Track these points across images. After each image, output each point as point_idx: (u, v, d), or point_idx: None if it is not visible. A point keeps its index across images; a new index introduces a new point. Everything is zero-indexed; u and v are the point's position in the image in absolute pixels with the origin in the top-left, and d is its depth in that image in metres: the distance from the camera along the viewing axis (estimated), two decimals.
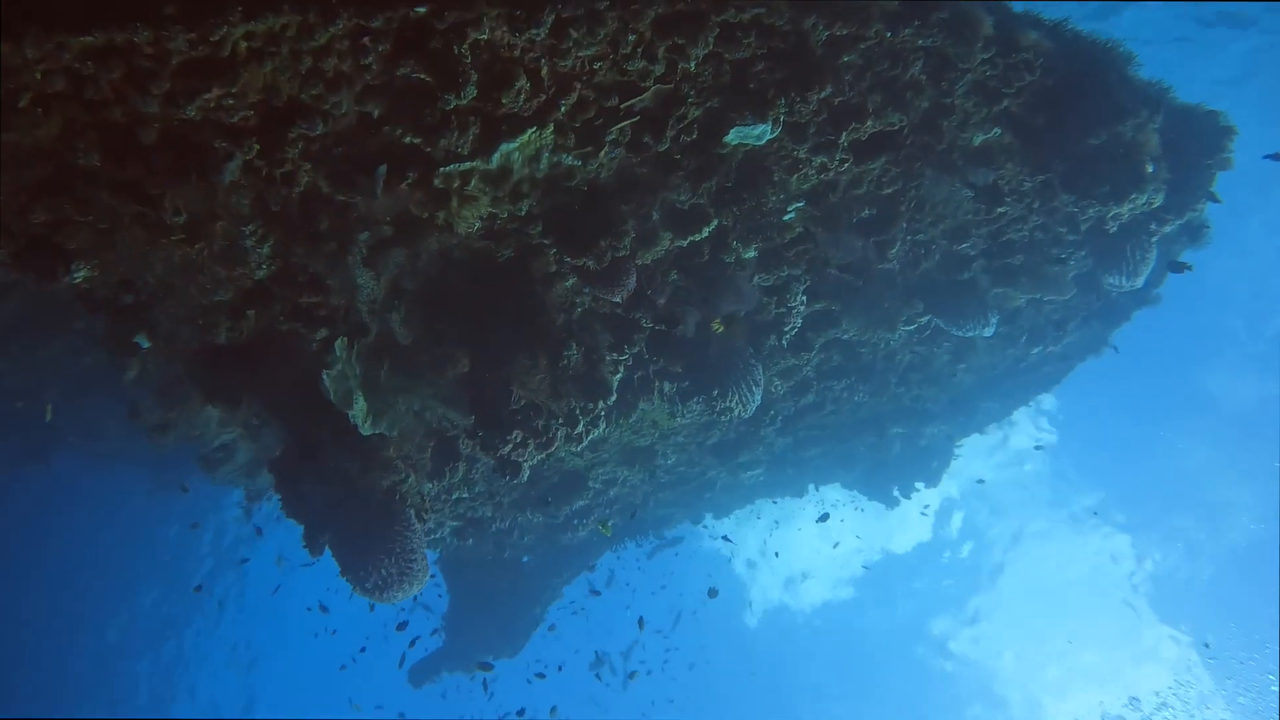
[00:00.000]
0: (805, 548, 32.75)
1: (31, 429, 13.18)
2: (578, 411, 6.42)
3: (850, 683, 36.79)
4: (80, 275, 5.01)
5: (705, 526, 14.82)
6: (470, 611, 13.33)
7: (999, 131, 6.44)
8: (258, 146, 4.63)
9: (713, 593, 15.23)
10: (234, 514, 21.86)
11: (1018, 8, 5.90)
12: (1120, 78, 6.17)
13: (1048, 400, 28.05)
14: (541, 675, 15.27)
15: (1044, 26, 5.96)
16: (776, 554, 32.09)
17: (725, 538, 14.77)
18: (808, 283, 7.44)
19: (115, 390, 9.28)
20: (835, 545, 29.65)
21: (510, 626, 13.13)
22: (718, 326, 6.62)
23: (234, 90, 4.32)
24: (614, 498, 11.10)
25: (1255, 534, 26.27)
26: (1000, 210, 7.07)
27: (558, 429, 6.32)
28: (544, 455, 6.50)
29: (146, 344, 5.51)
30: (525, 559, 13.20)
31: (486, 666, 12.43)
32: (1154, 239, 7.31)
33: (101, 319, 5.53)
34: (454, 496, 9.50)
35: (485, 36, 4.47)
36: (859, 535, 31.51)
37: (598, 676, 20.66)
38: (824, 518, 15.86)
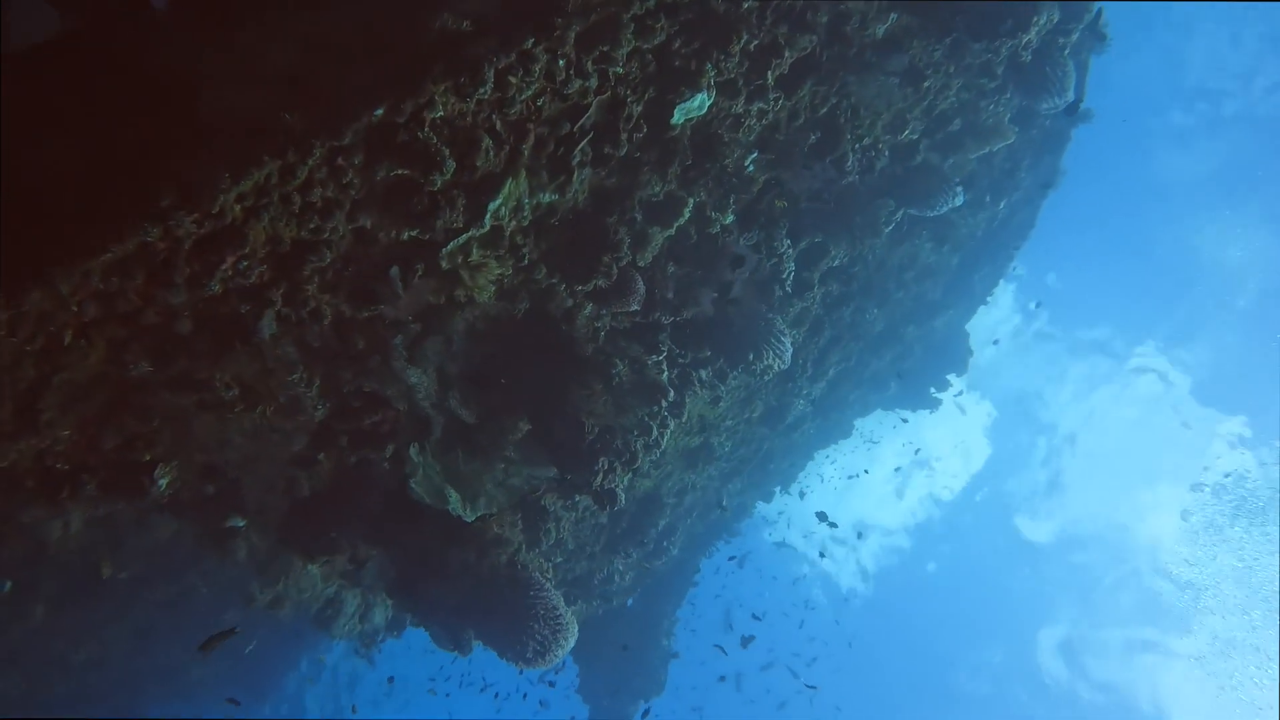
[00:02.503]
0: (877, 502, 32.97)
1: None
2: (646, 418, 6.65)
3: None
4: (164, 482, 5.19)
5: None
6: (603, 672, 13.36)
7: (895, 16, 6.84)
8: (281, 295, 4.87)
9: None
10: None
11: None
12: None
13: (1020, 269, 28.69)
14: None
15: None
16: (860, 535, 32.07)
17: (822, 516, 14.45)
18: (787, 225, 7.75)
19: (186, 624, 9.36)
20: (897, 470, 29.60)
21: (646, 668, 13.18)
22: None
23: (245, 251, 4.56)
24: (690, 505, 11.29)
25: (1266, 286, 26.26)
26: (925, 85, 7.46)
27: (635, 441, 6.54)
28: (631, 473, 6.71)
29: (241, 523, 5.67)
30: (630, 602, 13.29)
31: None
32: (1065, 52, 7.74)
33: (190, 520, 5.70)
34: (553, 563, 9.63)
35: (441, 113, 4.76)
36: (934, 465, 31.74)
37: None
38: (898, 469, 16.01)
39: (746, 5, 5.75)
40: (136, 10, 5.29)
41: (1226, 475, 27.38)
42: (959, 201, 8.45)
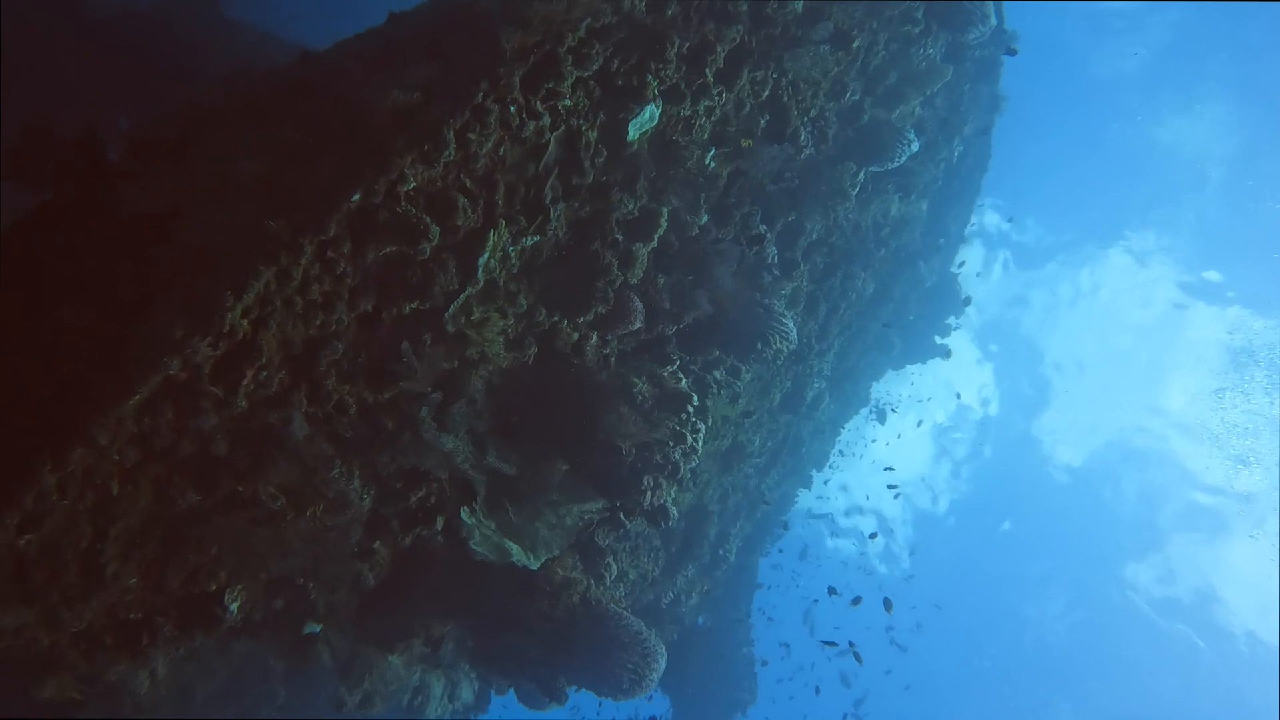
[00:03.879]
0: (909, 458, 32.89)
1: None
2: (677, 427, 6.73)
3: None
4: (235, 606, 5.23)
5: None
6: (694, 697, 13.28)
7: None
8: (304, 396, 4.96)
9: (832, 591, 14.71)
10: None
11: None
12: None
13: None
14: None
15: None
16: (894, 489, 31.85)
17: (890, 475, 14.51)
18: (759, 211, 7.90)
19: None
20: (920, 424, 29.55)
21: (734, 680, 13.11)
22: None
23: (262, 361, 4.66)
24: (735, 507, 11.32)
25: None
26: (854, 45, 7.65)
27: (672, 451, 6.61)
28: (675, 485, 6.77)
29: (317, 628, 5.71)
30: (700, 620, 13.25)
31: None
32: None
33: (268, 636, 5.73)
34: (619, 596, 9.64)
35: (414, 184, 4.89)
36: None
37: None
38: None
39: (670, 11, 5.94)
40: (95, 165, 5.46)
41: (1230, 332, 27.18)
42: (915, 147, 8.62)
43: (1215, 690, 31.26)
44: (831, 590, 12.17)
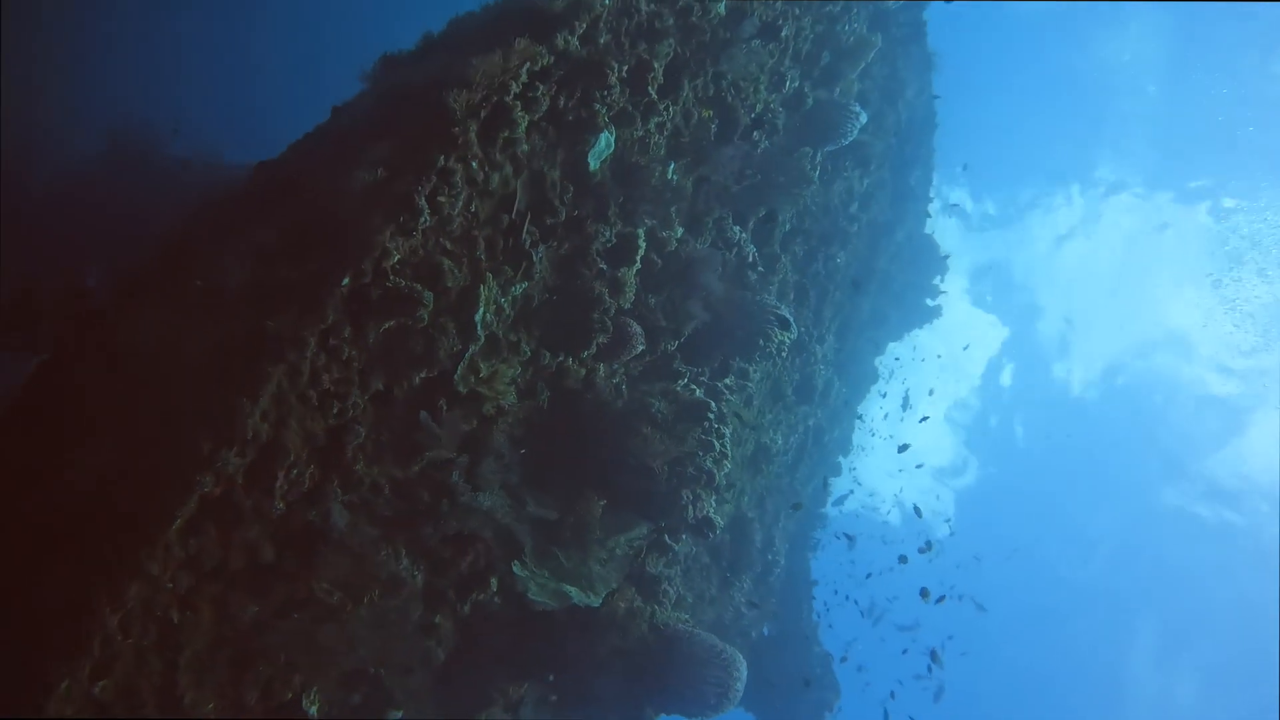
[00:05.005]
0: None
1: None
2: (703, 435, 6.76)
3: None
4: (314, 710, 5.21)
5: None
6: (780, 710, 13.11)
7: None
8: (338, 485, 5.00)
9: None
10: None
11: None
12: None
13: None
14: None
15: None
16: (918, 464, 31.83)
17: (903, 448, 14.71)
18: (730, 213, 8.02)
19: None
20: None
21: (814, 680, 12.97)
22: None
23: (290, 461, 4.70)
24: (774, 509, 11.30)
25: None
26: (783, 34, 7.83)
27: (704, 460, 6.64)
28: (714, 494, 6.80)
29: (399, 714, 5.68)
30: (765, 630, 13.14)
31: None
32: None
33: None
34: (683, 618, 9.59)
35: (397, 256, 4.98)
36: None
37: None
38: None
39: (603, 40, 6.09)
40: (85, 312, 5.55)
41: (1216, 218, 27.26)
42: (863, 119, 8.78)
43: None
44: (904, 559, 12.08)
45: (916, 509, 16.12)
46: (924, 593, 11.85)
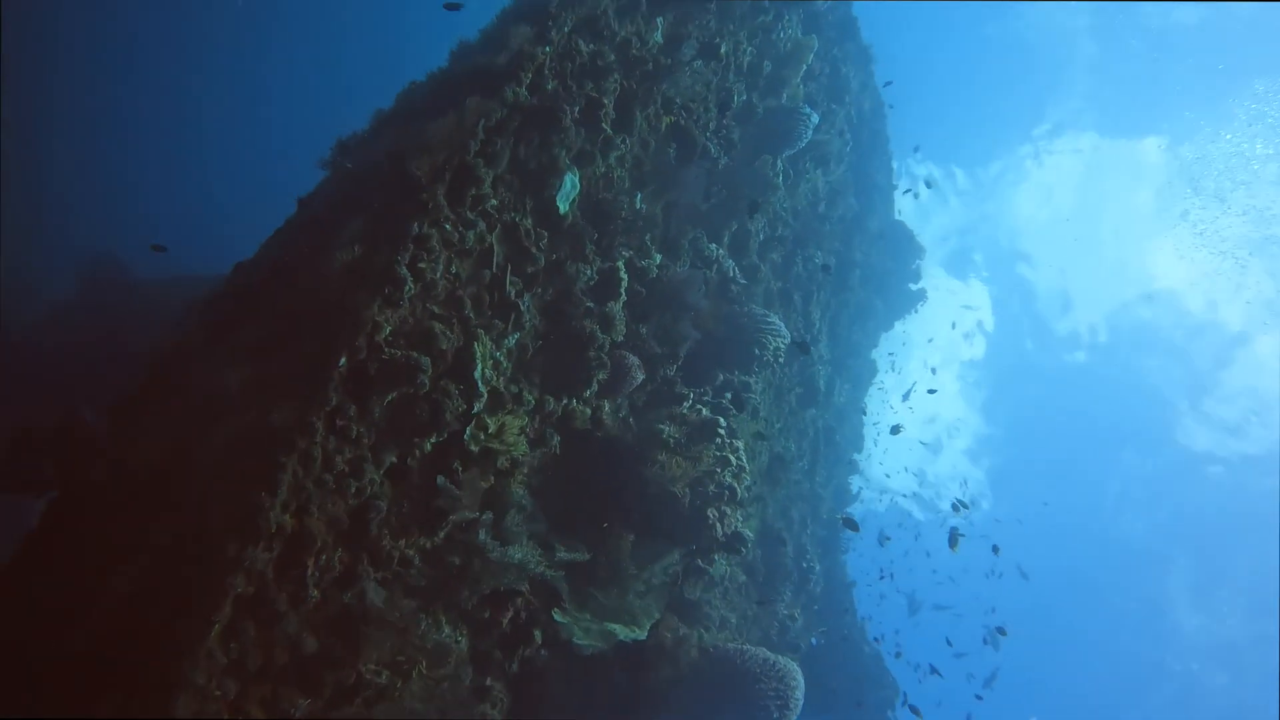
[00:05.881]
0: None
1: None
2: (717, 452, 6.77)
3: None
4: None
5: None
6: (844, 717, 12.95)
7: (661, 19, 7.38)
8: (369, 564, 4.99)
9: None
10: None
11: None
12: None
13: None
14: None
15: None
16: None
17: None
18: (703, 233, 8.11)
19: None
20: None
21: (873, 681, 12.84)
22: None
23: (317, 547, 4.69)
24: (799, 517, 11.27)
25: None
26: (722, 51, 7.98)
27: (723, 476, 6.65)
28: (739, 508, 6.79)
29: None
30: (814, 641, 13.02)
31: None
32: None
33: None
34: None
35: (389, 328, 5.01)
36: None
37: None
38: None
39: (550, 86, 6.20)
40: (79, 433, 5.57)
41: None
42: (815, 119, 8.92)
43: None
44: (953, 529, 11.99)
45: (958, 504, 15.95)
46: (953, 537, 11.81)
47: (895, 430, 14.33)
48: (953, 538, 11.35)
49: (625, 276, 6.82)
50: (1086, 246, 31.96)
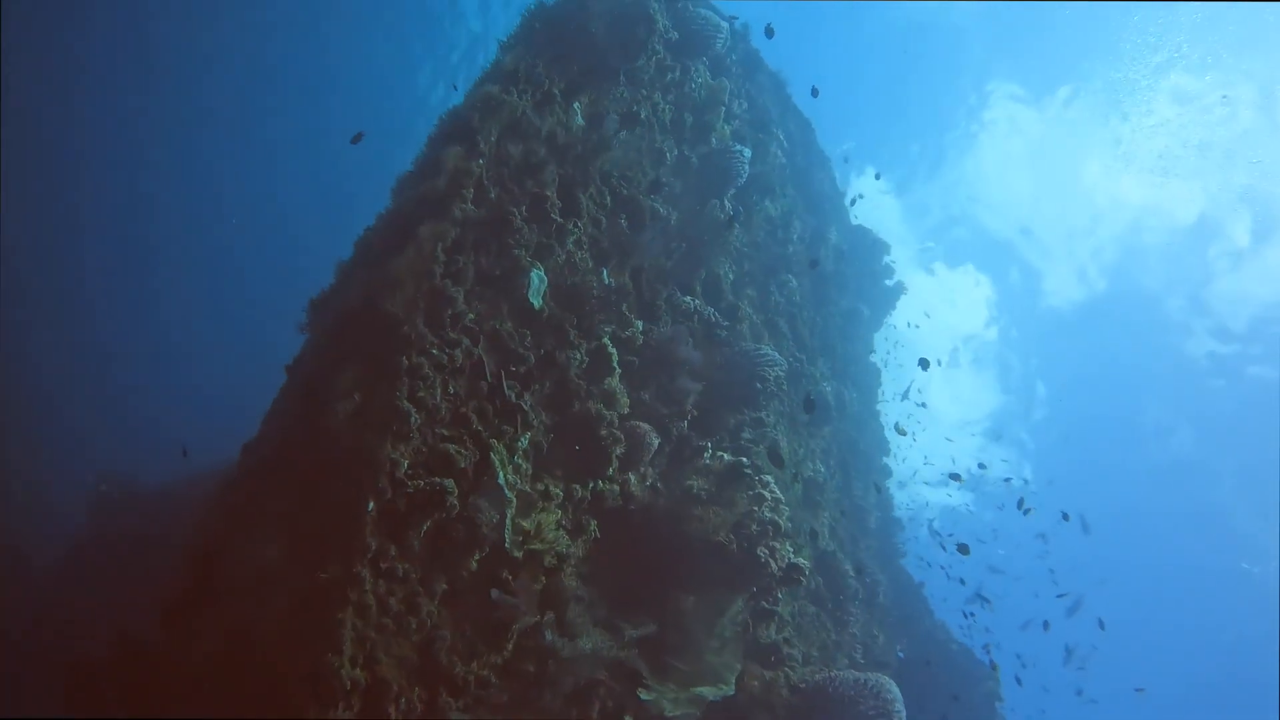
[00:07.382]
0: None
1: None
2: (750, 491, 6.83)
3: None
4: None
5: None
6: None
7: (577, 104, 7.69)
8: (447, 695, 5.00)
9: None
10: None
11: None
12: None
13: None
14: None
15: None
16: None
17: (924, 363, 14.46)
18: (675, 288, 8.30)
19: None
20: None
21: (970, 678, 12.62)
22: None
23: (394, 691, 4.71)
24: (849, 535, 11.24)
25: None
26: (642, 117, 8.30)
27: (762, 513, 6.69)
28: (788, 540, 6.81)
29: None
30: (900, 654, 12.84)
31: None
32: (692, 3, 8.81)
33: None
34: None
35: (407, 462, 5.12)
36: None
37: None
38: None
39: (494, 194, 6.44)
40: (132, 645, 5.60)
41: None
42: (749, 154, 9.21)
43: None
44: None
45: (1022, 504, 15.60)
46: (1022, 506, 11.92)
47: (898, 430, 14.41)
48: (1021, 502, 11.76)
49: (614, 350, 6.96)
50: (1060, 200, 32.51)
